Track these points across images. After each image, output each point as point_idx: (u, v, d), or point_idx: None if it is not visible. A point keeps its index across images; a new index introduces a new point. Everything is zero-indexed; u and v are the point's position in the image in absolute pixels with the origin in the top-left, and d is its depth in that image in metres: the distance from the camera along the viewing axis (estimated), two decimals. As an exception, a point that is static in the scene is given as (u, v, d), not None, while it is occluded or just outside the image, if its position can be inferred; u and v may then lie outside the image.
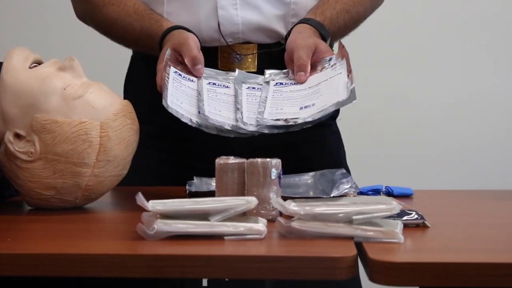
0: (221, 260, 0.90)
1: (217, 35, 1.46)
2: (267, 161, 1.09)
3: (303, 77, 1.33)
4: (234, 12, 1.46)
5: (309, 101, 1.28)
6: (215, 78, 1.36)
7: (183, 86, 1.31)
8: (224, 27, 1.46)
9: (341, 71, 1.31)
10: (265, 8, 1.47)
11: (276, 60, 1.44)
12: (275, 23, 1.48)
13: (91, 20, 1.53)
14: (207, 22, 1.46)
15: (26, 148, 1.16)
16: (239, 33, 1.46)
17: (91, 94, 1.18)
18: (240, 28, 1.46)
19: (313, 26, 1.42)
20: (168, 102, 1.24)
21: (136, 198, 0.97)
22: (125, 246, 0.97)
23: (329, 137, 1.57)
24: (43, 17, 2.64)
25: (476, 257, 0.92)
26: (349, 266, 0.89)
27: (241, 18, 1.46)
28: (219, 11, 1.46)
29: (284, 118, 1.26)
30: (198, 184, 1.36)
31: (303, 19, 1.45)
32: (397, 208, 0.99)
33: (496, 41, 2.61)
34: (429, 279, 0.86)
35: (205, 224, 0.97)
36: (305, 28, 1.42)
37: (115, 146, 1.17)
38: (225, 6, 1.46)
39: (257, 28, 1.47)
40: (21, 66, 1.18)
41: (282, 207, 0.98)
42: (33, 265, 0.91)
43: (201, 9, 1.46)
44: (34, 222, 1.14)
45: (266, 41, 1.48)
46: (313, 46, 1.36)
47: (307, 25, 1.42)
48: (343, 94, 1.26)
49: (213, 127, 1.25)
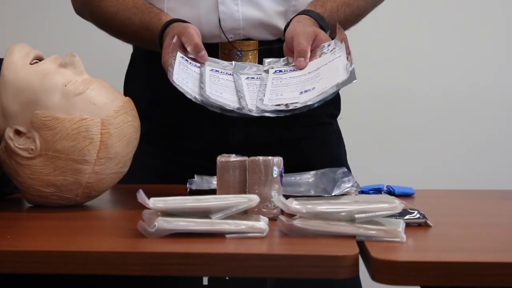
0: (222, 258, 0.90)
1: (217, 31, 1.46)
2: (269, 159, 1.08)
3: (302, 63, 1.33)
4: (235, 8, 1.46)
5: (309, 86, 1.28)
6: (217, 66, 1.36)
7: (189, 70, 1.31)
8: (225, 23, 1.45)
9: (340, 54, 1.30)
10: (266, 4, 1.47)
11: (277, 57, 1.44)
12: (276, 19, 1.47)
13: (89, 14, 1.52)
14: (208, 18, 1.46)
15: (26, 144, 1.15)
16: (240, 29, 1.46)
17: (92, 90, 1.17)
18: (241, 24, 1.46)
19: (312, 17, 1.42)
20: (174, 78, 1.24)
21: (137, 195, 0.96)
22: (125, 244, 0.96)
23: (329, 136, 1.57)
24: (43, 13, 2.63)
25: (478, 256, 0.92)
26: (351, 265, 0.88)
27: (242, 14, 1.46)
28: (220, 7, 1.46)
29: (285, 103, 1.26)
30: (199, 182, 1.36)
31: (303, 10, 1.44)
32: (399, 207, 0.98)
33: (496, 38, 2.61)
34: (431, 278, 0.86)
35: (206, 222, 0.97)
36: (304, 18, 1.42)
37: (116, 143, 1.17)
38: (226, 1, 1.46)
39: (258, 24, 1.47)
40: (22, 62, 1.17)
41: (284, 205, 0.98)
42: (33, 262, 0.91)
43: (202, 4, 1.46)
44: (34, 219, 1.14)
45: (267, 37, 1.48)
46: (313, 34, 1.35)
47: (306, 16, 1.42)
48: (342, 75, 1.26)
49: (216, 106, 1.25)
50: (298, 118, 1.51)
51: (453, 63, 2.61)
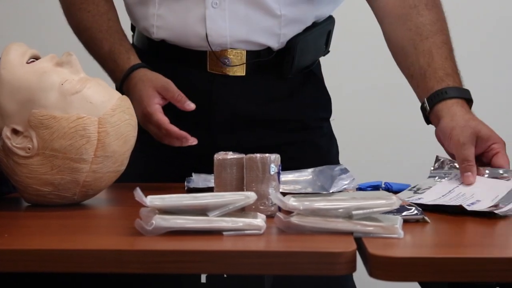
0: (220, 256, 0.90)
1: (204, 43, 1.45)
2: (266, 156, 1.09)
3: (471, 178, 1.23)
4: (223, 24, 1.44)
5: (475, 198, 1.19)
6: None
7: None
8: (212, 38, 1.44)
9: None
10: (254, 20, 1.45)
11: (266, 68, 1.44)
12: (264, 35, 1.45)
13: (66, 17, 1.53)
14: (194, 31, 1.45)
15: (23, 143, 1.15)
16: (227, 44, 1.45)
17: (89, 89, 1.17)
18: (228, 40, 1.45)
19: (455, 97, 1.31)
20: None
21: (134, 193, 0.96)
22: (123, 242, 0.96)
23: (318, 140, 1.56)
24: (40, 12, 2.63)
25: (475, 252, 0.92)
26: (349, 261, 0.88)
27: (229, 31, 1.44)
28: (208, 23, 1.43)
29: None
30: (197, 181, 1.36)
31: (438, 91, 1.32)
32: (397, 203, 0.98)
33: (496, 41, 2.61)
34: (428, 274, 0.86)
35: (203, 220, 0.97)
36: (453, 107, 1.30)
37: (113, 141, 1.17)
38: (213, 17, 1.43)
39: (245, 40, 1.45)
40: (18, 61, 1.17)
41: (281, 202, 0.98)
42: (31, 261, 0.91)
43: (189, 15, 1.45)
44: (32, 218, 1.14)
45: (254, 48, 1.46)
46: (473, 137, 1.26)
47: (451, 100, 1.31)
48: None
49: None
50: (285, 123, 1.51)
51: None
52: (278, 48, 1.47)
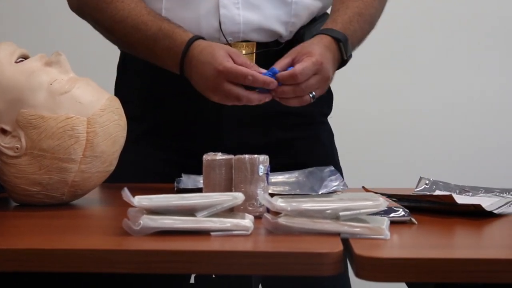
0: (207, 256, 0.90)
1: (217, 34, 1.45)
2: (255, 157, 1.09)
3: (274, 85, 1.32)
4: (236, 11, 1.45)
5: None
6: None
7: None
8: (226, 26, 1.45)
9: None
10: (266, 8, 1.47)
11: (274, 58, 1.44)
12: (276, 23, 1.47)
13: (91, 14, 1.47)
14: (208, 20, 1.45)
15: (12, 143, 1.15)
16: (240, 33, 1.46)
17: (78, 89, 1.17)
18: (242, 28, 1.46)
19: (326, 34, 1.40)
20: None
21: (122, 193, 0.96)
22: (111, 242, 0.96)
23: (322, 134, 1.57)
24: (30, 12, 2.63)
25: (460, 253, 0.92)
26: (335, 262, 0.88)
27: (242, 18, 1.46)
28: (221, 10, 1.45)
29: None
30: (186, 181, 1.36)
31: (322, 29, 1.42)
32: (384, 204, 0.99)
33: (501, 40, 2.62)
34: (414, 275, 0.87)
35: (191, 220, 0.97)
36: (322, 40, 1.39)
37: (102, 142, 1.17)
38: (227, 5, 1.45)
39: (257, 28, 1.47)
40: (7, 61, 1.17)
41: (269, 203, 0.98)
42: (19, 260, 0.91)
43: (202, 6, 1.45)
44: (20, 218, 1.14)
45: (264, 40, 1.48)
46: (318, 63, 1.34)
47: (326, 36, 1.40)
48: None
49: None
50: (291, 117, 1.51)
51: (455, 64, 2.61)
52: (287, 38, 1.49)
